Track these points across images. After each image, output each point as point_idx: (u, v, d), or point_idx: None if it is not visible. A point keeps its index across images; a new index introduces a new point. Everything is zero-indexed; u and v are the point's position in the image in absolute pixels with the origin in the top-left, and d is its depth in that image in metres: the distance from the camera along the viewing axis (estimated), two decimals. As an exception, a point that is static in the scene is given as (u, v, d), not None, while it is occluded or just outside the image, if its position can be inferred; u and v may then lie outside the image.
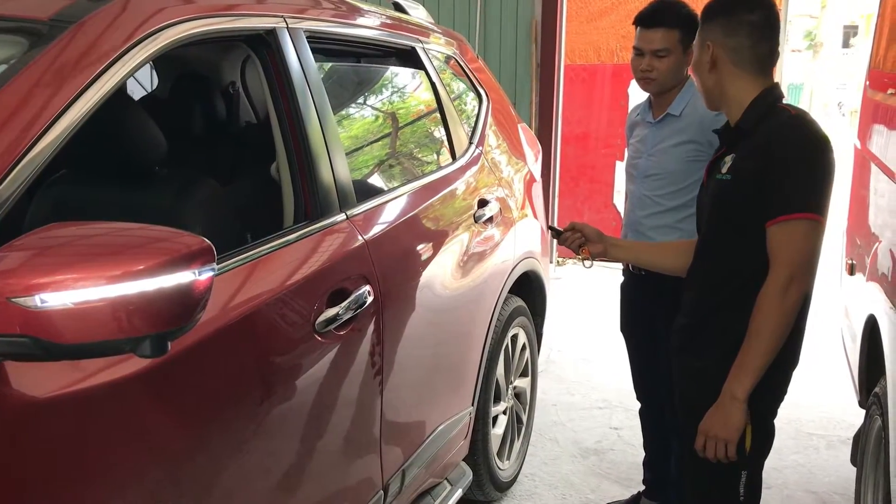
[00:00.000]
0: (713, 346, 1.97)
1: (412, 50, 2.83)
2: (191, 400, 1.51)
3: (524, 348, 3.32)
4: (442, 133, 2.89)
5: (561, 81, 6.62)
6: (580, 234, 2.31)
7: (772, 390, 1.93)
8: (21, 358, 1.17)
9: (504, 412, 3.17)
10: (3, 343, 1.12)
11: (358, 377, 2.00)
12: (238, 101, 3.17)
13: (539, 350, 3.55)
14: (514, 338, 3.20)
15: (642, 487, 3.09)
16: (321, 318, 1.82)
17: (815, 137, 1.85)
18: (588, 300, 5.86)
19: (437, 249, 2.46)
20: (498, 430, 3.13)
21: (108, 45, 1.51)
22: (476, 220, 2.77)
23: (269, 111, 2.01)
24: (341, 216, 2.03)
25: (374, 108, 2.91)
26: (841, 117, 23.94)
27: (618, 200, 7.12)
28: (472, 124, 3.12)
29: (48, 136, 1.35)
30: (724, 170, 1.94)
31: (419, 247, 2.39)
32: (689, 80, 2.68)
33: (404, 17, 3.00)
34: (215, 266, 1.23)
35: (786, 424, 3.80)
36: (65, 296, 1.09)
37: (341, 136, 2.24)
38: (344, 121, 2.60)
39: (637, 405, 3.07)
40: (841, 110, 25.19)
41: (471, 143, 3.00)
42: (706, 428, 1.91)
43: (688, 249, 2.11)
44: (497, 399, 3.08)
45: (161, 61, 2.97)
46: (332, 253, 1.95)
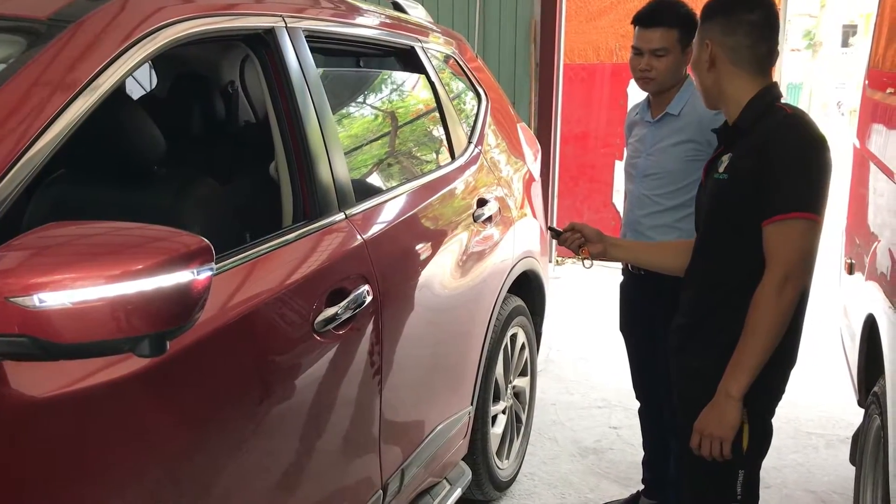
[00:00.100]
0: (711, 346, 1.97)
1: (411, 49, 2.83)
2: (190, 399, 1.51)
3: (523, 348, 3.32)
4: (441, 132, 2.89)
5: (560, 81, 6.62)
6: (580, 235, 2.31)
7: (769, 389, 1.93)
8: (20, 358, 1.17)
9: (503, 411, 3.16)
10: (1, 343, 1.12)
11: (357, 377, 2.00)
12: (237, 100, 3.17)
13: (538, 349, 3.55)
14: (514, 337, 3.20)
15: (641, 487, 3.09)
16: (320, 318, 1.82)
17: (811, 137, 1.85)
18: (587, 300, 5.86)
19: (436, 249, 2.46)
20: (497, 430, 3.13)
21: (106, 44, 1.51)
22: (475, 219, 2.77)
23: (267, 111, 2.01)
24: (340, 216, 2.03)
25: (373, 108, 2.91)
26: (840, 117, 23.94)
27: (617, 200, 7.12)
28: (472, 124, 3.12)
29: (47, 135, 1.35)
30: (722, 169, 1.94)
31: (418, 246, 2.38)
32: (688, 79, 2.68)
33: (403, 16, 3.00)
34: (214, 265, 1.23)
35: (785, 423, 3.80)
36: (63, 295, 1.09)
37: (340, 136, 2.24)
38: (343, 120, 2.60)
39: (636, 404, 3.07)
40: (840, 110, 25.18)
41: (470, 142, 3.00)
42: (701, 426, 1.91)
43: (687, 249, 2.11)
44: (496, 398, 3.08)
45: (160, 61, 2.97)
46: (331, 252, 1.95)
